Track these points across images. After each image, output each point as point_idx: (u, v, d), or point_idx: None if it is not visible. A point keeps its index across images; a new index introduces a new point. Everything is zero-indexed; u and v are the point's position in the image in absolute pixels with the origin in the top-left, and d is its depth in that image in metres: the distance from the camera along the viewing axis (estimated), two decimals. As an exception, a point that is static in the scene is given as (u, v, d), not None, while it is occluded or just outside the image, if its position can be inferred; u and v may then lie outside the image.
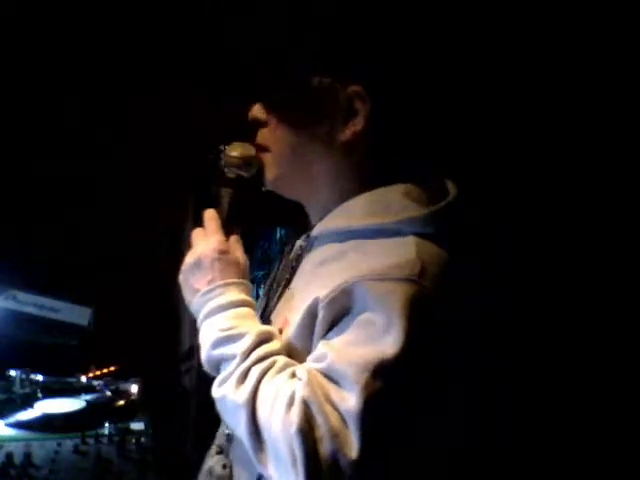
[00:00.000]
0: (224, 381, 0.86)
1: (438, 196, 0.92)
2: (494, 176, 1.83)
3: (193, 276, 0.97)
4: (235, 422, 0.83)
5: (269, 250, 1.87)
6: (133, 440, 1.49)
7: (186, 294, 0.99)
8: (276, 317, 0.99)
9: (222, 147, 1.04)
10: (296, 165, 0.98)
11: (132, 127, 2.18)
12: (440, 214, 0.90)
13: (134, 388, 1.86)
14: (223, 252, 0.97)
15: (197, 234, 1.02)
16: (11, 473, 1.30)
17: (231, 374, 0.85)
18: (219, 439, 1.07)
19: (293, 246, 1.08)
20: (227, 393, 0.84)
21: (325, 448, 0.74)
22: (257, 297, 1.16)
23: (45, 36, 1.97)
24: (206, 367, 0.91)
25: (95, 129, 2.15)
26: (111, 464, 1.38)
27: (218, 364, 0.89)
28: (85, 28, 2.00)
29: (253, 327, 0.89)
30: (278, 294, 1.04)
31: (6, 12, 1.83)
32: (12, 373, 1.81)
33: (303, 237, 1.04)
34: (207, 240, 0.99)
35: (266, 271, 1.15)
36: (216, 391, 0.87)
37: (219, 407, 0.87)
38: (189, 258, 0.99)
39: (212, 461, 1.05)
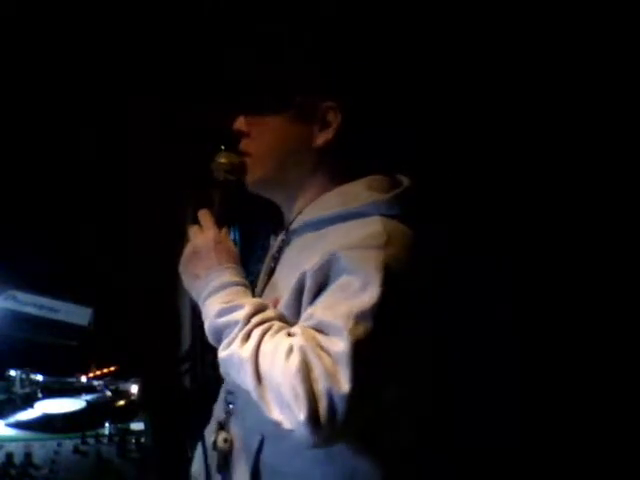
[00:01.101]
0: (230, 343, 0.97)
1: (395, 186, 1.10)
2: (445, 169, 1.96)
3: (192, 264, 1.10)
4: (242, 376, 0.94)
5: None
6: (133, 440, 1.49)
7: (186, 281, 1.11)
8: (265, 299, 1.10)
9: (222, 148, 1.19)
10: (275, 169, 1.14)
11: (133, 131, 2.18)
12: (400, 197, 1.08)
13: (134, 388, 1.86)
14: (218, 242, 1.10)
15: (194, 229, 1.14)
16: (11, 473, 1.30)
17: (236, 336, 0.96)
18: (218, 415, 1.19)
19: (275, 242, 1.24)
20: (234, 351, 0.95)
21: (321, 386, 0.86)
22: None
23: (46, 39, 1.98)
24: (210, 337, 1.02)
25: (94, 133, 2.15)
26: (111, 464, 1.39)
27: (222, 332, 0.99)
28: (86, 33, 2.01)
29: (250, 300, 1.03)
30: (264, 282, 1.20)
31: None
32: (12, 373, 1.82)
33: (282, 232, 1.20)
34: (204, 233, 1.12)
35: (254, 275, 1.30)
36: (223, 353, 0.98)
37: (226, 366, 0.99)
38: (188, 249, 1.12)
39: (214, 436, 1.15)
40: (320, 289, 0.98)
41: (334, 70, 1.12)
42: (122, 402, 1.79)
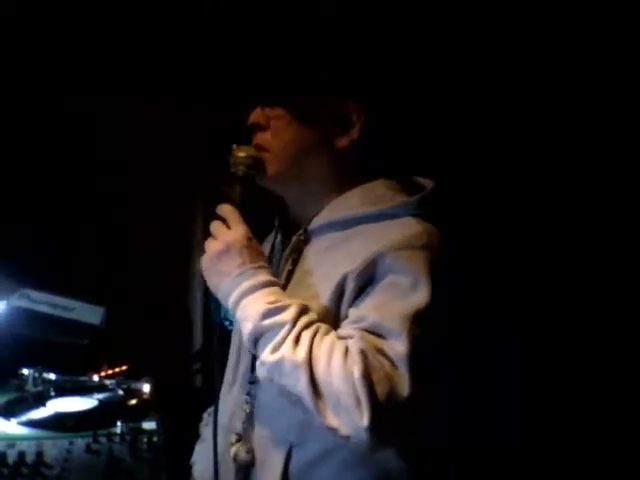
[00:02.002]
0: (279, 346, 0.93)
1: (413, 189, 1.10)
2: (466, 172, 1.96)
3: (221, 261, 1.04)
4: (293, 381, 0.92)
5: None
6: (145, 439, 1.48)
7: (212, 279, 1.05)
8: None
9: (234, 146, 1.15)
10: (294, 165, 1.11)
11: (137, 132, 2.18)
12: (428, 198, 1.08)
13: (146, 387, 1.86)
14: (250, 239, 1.06)
15: (218, 225, 1.08)
16: (23, 472, 1.30)
17: (284, 339, 0.94)
18: (233, 426, 1.13)
19: (283, 243, 1.20)
20: (285, 355, 0.92)
21: (383, 388, 0.87)
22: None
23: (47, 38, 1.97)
24: (247, 341, 0.98)
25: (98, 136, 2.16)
26: (123, 463, 1.38)
27: (264, 333, 0.95)
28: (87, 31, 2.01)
29: (293, 301, 0.99)
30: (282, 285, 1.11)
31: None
32: (25, 371, 1.82)
33: (300, 232, 1.14)
34: (233, 229, 1.06)
35: None
36: (271, 357, 0.94)
37: (272, 372, 0.94)
38: (216, 246, 1.05)
39: (233, 449, 1.10)
40: (363, 290, 0.97)
41: (359, 71, 1.12)
42: (134, 401, 1.80)
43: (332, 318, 0.99)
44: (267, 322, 0.95)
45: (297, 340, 0.93)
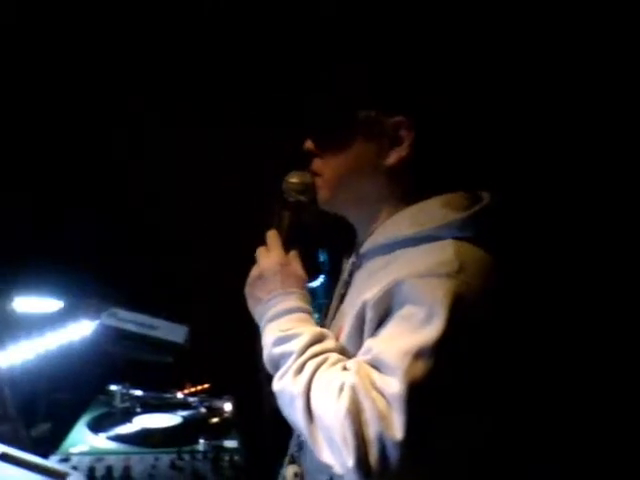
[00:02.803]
0: (283, 375, 0.93)
1: (475, 204, 1.01)
2: (527, 186, 1.86)
3: (256, 287, 1.06)
4: (292, 412, 0.89)
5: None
6: (227, 458, 1.50)
7: (250, 303, 1.08)
8: (333, 328, 1.07)
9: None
10: (345, 188, 1.08)
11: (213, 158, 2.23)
12: (476, 217, 0.98)
13: (227, 406, 1.89)
14: (284, 265, 1.07)
15: (260, 251, 1.11)
16: (111, 486, 1.33)
17: (289, 368, 0.92)
18: (292, 448, 1.14)
19: (347, 265, 1.18)
20: (285, 385, 0.91)
21: (372, 430, 0.80)
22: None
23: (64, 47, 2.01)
24: (267, 366, 0.98)
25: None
26: (206, 481, 1.40)
27: (277, 361, 0.95)
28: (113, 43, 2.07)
29: (309, 328, 0.97)
30: (335, 309, 1.14)
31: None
32: (113, 388, 1.88)
33: (354, 255, 1.14)
34: (269, 255, 1.09)
35: (328, 300, 1.25)
36: (276, 385, 0.93)
37: (279, 400, 0.93)
38: (253, 272, 1.09)
39: (285, 470, 1.10)
40: (382, 320, 0.90)
41: (403, 84, 1.04)
42: (215, 419, 1.82)
43: (354, 348, 0.94)
44: (277, 350, 0.95)
45: (300, 370, 0.90)
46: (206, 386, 2.02)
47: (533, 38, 1.84)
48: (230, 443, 1.60)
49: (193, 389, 1.99)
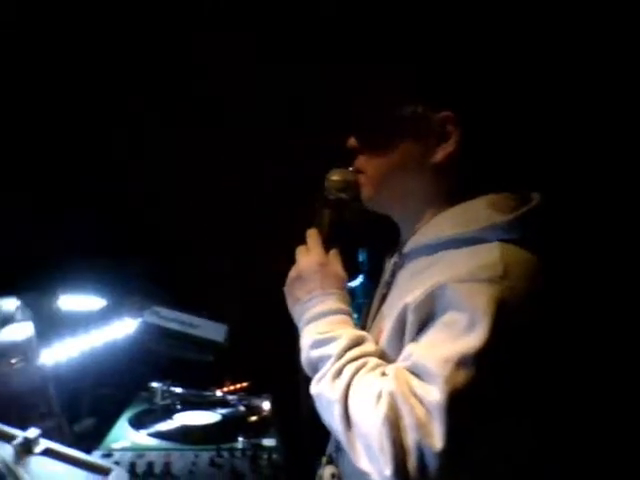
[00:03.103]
0: (320, 379, 0.92)
1: (522, 205, 0.96)
2: (577, 186, 1.80)
3: (295, 287, 1.05)
4: (329, 417, 0.89)
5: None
6: (265, 456, 1.51)
7: (289, 304, 1.07)
8: (373, 329, 1.04)
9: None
10: (390, 186, 1.05)
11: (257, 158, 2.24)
12: (522, 219, 0.93)
13: (266, 405, 1.90)
14: (323, 265, 1.05)
15: (300, 250, 1.10)
16: (152, 482, 1.35)
17: (327, 372, 0.91)
18: (329, 448, 1.12)
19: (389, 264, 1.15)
20: (323, 390, 0.90)
21: (410, 438, 0.78)
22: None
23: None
24: (306, 368, 0.98)
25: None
26: (245, 478, 1.41)
27: (316, 365, 0.95)
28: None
29: (347, 331, 0.95)
30: (376, 309, 1.10)
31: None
32: (154, 385, 1.91)
33: (396, 254, 1.10)
34: (309, 255, 1.08)
35: (369, 300, 1.22)
36: (314, 388, 0.92)
37: (317, 404, 0.92)
38: (293, 271, 1.08)
39: (322, 470, 1.09)
40: (423, 324, 0.88)
41: (451, 78, 1.00)
42: (254, 418, 1.83)
43: (394, 352, 0.91)
44: (315, 353, 0.94)
45: (338, 375, 0.89)
46: (245, 384, 2.03)
47: (586, 35, 1.79)
48: (268, 442, 1.61)
49: (232, 387, 2.01)
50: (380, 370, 0.88)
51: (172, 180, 2.23)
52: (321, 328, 0.97)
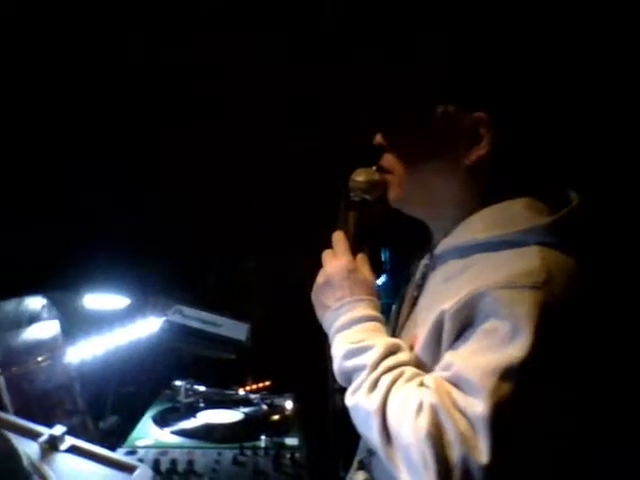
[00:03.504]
0: (356, 390, 0.89)
1: (560, 207, 0.93)
2: (616, 186, 1.75)
3: (323, 294, 1.02)
4: (367, 429, 0.86)
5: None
6: (288, 455, 1.51)
7: (317, 311, 1.04)
8: (405, 334, 1.02)
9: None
10: (418, 187, 1.02)
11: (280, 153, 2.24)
12: (563, 222, 0.90)
13: (288, 404, 1.90)
14: (351, 271, 1.02)
15: (327, 255, 1.07)
16: (175, 479, 1.36)
17: (362, 383, 0.88)
18: (361, 453, 1.09)
19: (418, 266, 1.11)
20: (359, 401, 0.87)
21: (455, 453, 0.75)
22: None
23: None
24: (338, 378, 0.95)
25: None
26: (267, 477, 1.41)
27: (349, 375, 0.92)
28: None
29: (382, 339, 0.93)
30: (406, 313, 1.07)
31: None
32: (177, 383, 1.93)
33: (427, 256, 1.07)
34: (336, 260, 1.04)
35: (394, 301, 1.19)
36: (349, 400, 0.90)
37: (352, 415, 0.90)
38: (320, 277, 1.04)
39: (354, 476, 1.06)
40: (461, 332, 0.85)
41: (485, 79, 0.96)
42: (277, 417, 1.84)
43: (430, 359, 0.89)
44: (348, 364, 0.92)
45: (374, 386, 0.87)
46: (267, 383, 2.04)
47: (624, 33, 1.75)
48: (291, 441, 1.62)
49: (255, 386, 2.02)
50: (418, 380, 0.85)
51: (196, 180, 2.24)
52: (353, 337, 0.94)
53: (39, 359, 1.25)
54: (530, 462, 0.81)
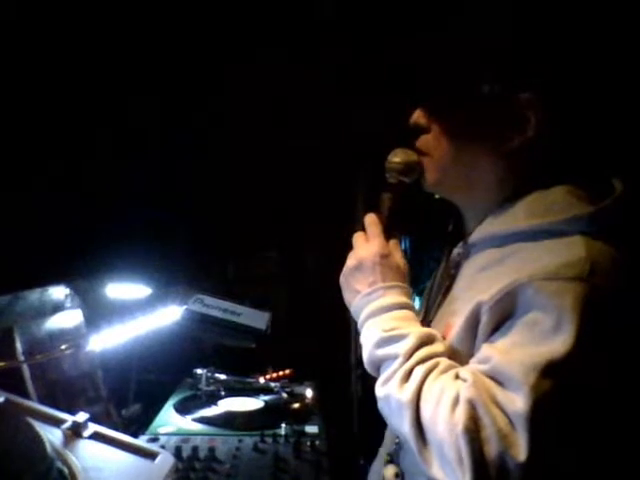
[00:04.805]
0: (387, 380, 0.86)
1: (604, 195, 0.88)
2: None
3: (354, 278, 0.98)
4: (399, 421, 0.83)
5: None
6: (308, 442, 1.52)
7: (346, 295, 1.00)
8: (437, 323, 0.99)
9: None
10: (457, 171, 0.97)
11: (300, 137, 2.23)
12: (607, 212, 0.86)
13: (308, 392, 1.91)
14: (384, 256, 0.98)
15: (358, 238, 1.02)
16: (196, 466, 1.38)
17: (394, 373, 0.86)
18: (388, 446, 1.07)
19: (450, 254, 1.06)
20: (391, 392, 0.85)
21: (492, 449, 0.73)
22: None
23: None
24: (367, 367, 0.92)
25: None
26: (287, 464, 1.42)
27: (380, 364, 0.90)
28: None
29: (415, 329, 0.90)
30: (438, 301, 1.03)
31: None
32: (199, 371, 1.95)
33: (460, 244, 1.02)
34: (369, 244, 1.00)
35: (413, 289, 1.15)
36: (379, 390, 0.87)
37: (382, 406, 0.88)
38: (351, 261, 1.00)
39: (383, 470, 1.03)
40: (500, 324, 0.82)
41: (535, 58, 0.91)
42: (297, 405, 1.85)
43: (465, 351, 0.86)
44: (380, 352, 0.89)
45: (407, 376, 0.84)
46: (287, 372, 2.05)
47: None
48: (311, 429, 1.63)
49: (275, 375, 2.03)
50: (453, 372, 0.83)
51: (216, 171, 2.25)
52: (386, 324, 0.90)
53: (62, 348, 1.27)
54: (567, 461, 0.78)
